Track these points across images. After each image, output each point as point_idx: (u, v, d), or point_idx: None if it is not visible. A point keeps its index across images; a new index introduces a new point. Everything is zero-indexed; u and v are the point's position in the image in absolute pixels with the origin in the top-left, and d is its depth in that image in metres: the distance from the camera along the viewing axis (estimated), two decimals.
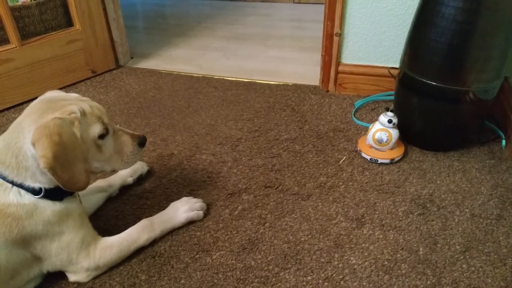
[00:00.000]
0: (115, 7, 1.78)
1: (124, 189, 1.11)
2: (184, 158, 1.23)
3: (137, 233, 0.91)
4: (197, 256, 0.92)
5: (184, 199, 1.03)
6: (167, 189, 1.11)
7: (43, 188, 0.79)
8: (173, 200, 1.06)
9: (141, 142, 0.93)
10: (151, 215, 1.01)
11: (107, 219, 1.02)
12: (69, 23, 1.66)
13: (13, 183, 0.78)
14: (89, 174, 0.83)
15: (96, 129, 0.83)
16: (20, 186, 0.78)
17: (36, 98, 0.86)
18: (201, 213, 1.01)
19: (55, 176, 0.75)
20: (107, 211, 1.04)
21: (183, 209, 0.99)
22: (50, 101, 0.82)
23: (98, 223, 1.00)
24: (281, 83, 1.68)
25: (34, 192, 0.79)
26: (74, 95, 0.88)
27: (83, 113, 0.81)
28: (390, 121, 1.15)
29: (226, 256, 0.91)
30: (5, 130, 0.82)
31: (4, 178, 0.78)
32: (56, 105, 0.80)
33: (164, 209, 1.00)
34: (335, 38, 1.48)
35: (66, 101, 0.82)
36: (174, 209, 1.00)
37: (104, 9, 1.73)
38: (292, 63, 1.89)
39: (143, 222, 0.94)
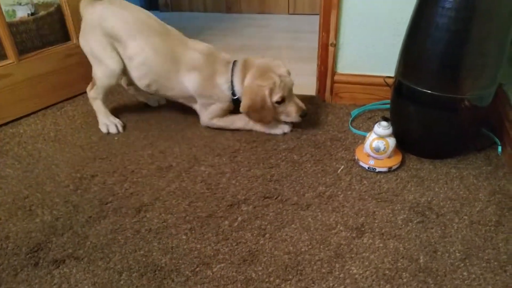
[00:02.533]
0: None
1: (122, 201, 1.11)
2: (183, 170, 1.23)
3: (237, 120, 1.43)
4: (198, 269, 0.91)
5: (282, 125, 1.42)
6: (166, 201, 1.11)
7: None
8: (172, 213, 1.06)
9: (302, 115, 1.37)
10: (150, 229, 1.01)
11: (105, 233, 1.01)
12: (67, 38, 1.67)
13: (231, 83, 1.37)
14: (272, 117, 1.35)
15: (276, 97, 1.30)
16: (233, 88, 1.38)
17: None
18: (285, 129, 1.41)
19: (247, 116, 1.37)
20: (106, 225, 1.04)
21: (281, 127, 1.41)
22: (265, 68, 1.32)
23: (97, 237, 1.00)
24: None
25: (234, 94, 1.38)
26: (281, 69, 1.34)
27: (274, 84, 1.29)
28: (382, 130, 1.16)
29: (226, 269, 0.91)
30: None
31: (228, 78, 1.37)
32: (264, 74, 1.30)
33: (166, 222, 1.00)
34: (331, 49, 1.49)
35: (272, 73, 1.30)
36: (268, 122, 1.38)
37: None
38: None
39: (243, 117, 1.41)
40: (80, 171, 1.24)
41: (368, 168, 1.20)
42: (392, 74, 1.27)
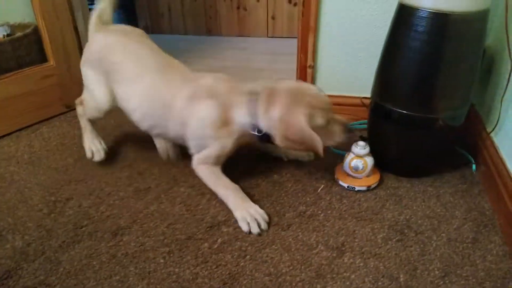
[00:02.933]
0: None
1: (98, 225, 1.08)
2: (162, 192, 1.21)
3: (222, 186, 1.16)
4: None
5: (259, 211, 1.10)
6: (144, 224, 1.08)
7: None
8: (150, 236, 1.04)
9: (348, 131, 1.16)
10: (127, 253, 0.99)
11: (79, 258, 0.98)
12: (44, 59, 1.65)
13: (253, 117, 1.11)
14: (321, 143, 1.07)
15: (318, 121, 1.08)
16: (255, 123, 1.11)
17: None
18: (245, 227, 1.07)
19: (281, 145, 1.10)
20: (80, 250, 1.00)
21: (248, 212, 1.08)
22: (295, 91, 1.09)
23: (71, 263, 0.96)
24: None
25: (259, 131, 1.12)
26: (313, 89, 1.14)
27: (310, 109, 1.06)
28: (359, 150, 1.18)
29: None
30: None
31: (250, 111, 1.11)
32: (295, 99, 1.07)
33: (143, 245, 0.98)
34: (309, 70, 1.52)
35: (305, 96, 1.08)
36: (245, 205, 1.11)
37: (80, 44, 1.73)
38: None
39: (233, 188, 1.15)
40: (55, 194, 1.20)
41: (348, 187, 1.21)
42: (369, 95, 1.30)
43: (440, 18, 1.02)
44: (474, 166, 1.29)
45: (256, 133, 1.11)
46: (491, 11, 1.09)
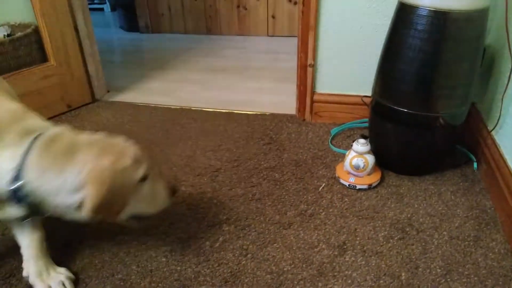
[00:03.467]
0: (91, 43, 1.79)
1: (100, 224, 1.08)
2: None
3: None
4: None
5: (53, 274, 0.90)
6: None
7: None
8: (152, 235, 1.04)
9: (174, 192, 0.92)
10: (129, 252, 0.99)
11: (82, 257, 0.98)
12: (44, 59, 1.65)
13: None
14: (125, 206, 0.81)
15: (140, 172, 0.81)
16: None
17: None
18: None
19: (90, 216, 0.74)
20: (82, 248, 1.00)
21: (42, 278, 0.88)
22: (105, 142, 0.81)
23: (73, 262, 0.96)
24: (259, 113, 1.70)
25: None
26: (121, 139, 0.85)
27: (136, 154, 0.81)
28: (360, 148, 1.18)
29: None
30: None
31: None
32: (111, 147, 0.80)
33: (145, 244, 0.98)
34: (309, 69, 1.52)
35: (120, 145, 0.82)
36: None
37: (80, 44, 1.74)
38: (269, 94, 1.92)
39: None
40: None
41: (349, 185, 1.21)
42: (369, 94, 1.30)
43: (440, 17, 1.02)
44: (475, 164, 1.29)
45: (16, 201, 0.76)
46: (491, 9, 1.09)
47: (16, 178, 0.74)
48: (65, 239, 1.03)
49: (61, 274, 0.90)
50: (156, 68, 2.30)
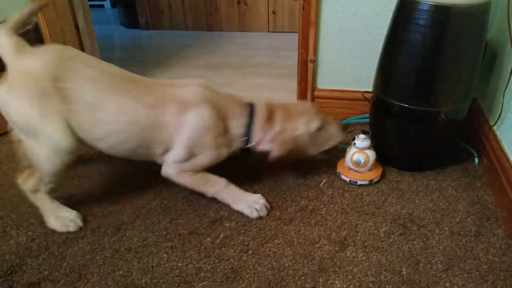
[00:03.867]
0: (91, 40, 1.79)
1: (101, 221, 1.08)
2: (164, 187, 1.21)
3: (212, 182, 1.10)
4: None
5: (258, 195, 1.12)
6: (147, 219, 1.09)
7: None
8: (153, 231, 1.04)
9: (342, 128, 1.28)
10: (130, 248, 0.99)
11: (83, 253, 0.98)
12: None
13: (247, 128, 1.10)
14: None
15: (314, 125, 1.13)
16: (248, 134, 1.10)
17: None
18: (255, 213, 1.08)
19: (275, 160, 1.11)
20: (83, 245, 1.01)
21: (249, 203, 1.09)
22: (291, 109, 1.14)
23: (74, 258, 0.97)
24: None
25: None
26: (305, 105, 1.23)
27: (306, 121, 1.13)
28: (361, 143, 1.18)
29: (209, 287, 0.89)
30: None
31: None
32: (292, 115, 1.12)
33: (146, 240, 0.98)
34: (310, 65, 1.52)
35: (299, 107, 1.18)
36: (246, 197, 1.10)
37: (80, 41, 1.74)
38: (269, 90, 1.92)
39: (221, 180, 1.10)
40: (58, 190, 1.20)
41: (350, 181, 1.21)
42: (370, 89, 1.29)
43: (441, 11, 1.02)
44: (476, 160, 1.29)
45: (244, 145, 1.10)
46: (493, 4, 1.08)
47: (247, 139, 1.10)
48: (65, 236, 1.04)
49: (258, 198, 1.12)
50: (157, 65, 2.30)
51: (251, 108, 1.10)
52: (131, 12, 3.01)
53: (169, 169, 1.08)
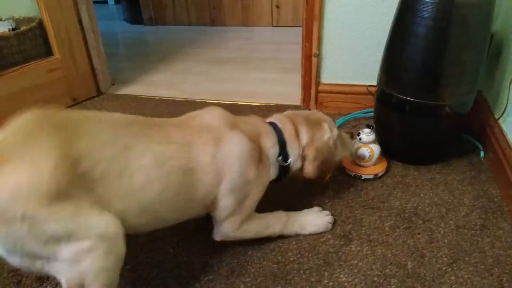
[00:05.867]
0: (95, 36, 1.79)
1: None
2: None
3: (272, 222, 0.99)
4: (185, 282, 0.90)
5: (316, 209, 1.07)
6: None
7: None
8: (159, 236, 1.05)
9: (351, 135, 1.19)
10: (137, 243, 1.00)
11: None
12: (49, 52, 1.65)
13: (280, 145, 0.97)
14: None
15: (335, 132, 1.05)
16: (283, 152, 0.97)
17: None
18: (330, 225, 1.03)
19: (317, 176, 1.01)
20: None
21: (315, 221, 1.03)
22: (309, 116, 1.05)
23: None
24: (264, 104, 1.70)
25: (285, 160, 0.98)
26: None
27: (332, 123, 1.06)
28: (365, 137, 1.18)
29: (214, 281, 0.90)
30: None
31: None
32: (314, 122, 1.02)
33: (153, 236, 0.99)
34: (314, 59, 1.51)
35: (316, 115, 1.06)
36: (309, 217, 1.03)
37: (84, 37, 1.74)
38: (273, 84, 1.92)
39: (280, 214, 1.01)
40: None
41: (354, 175, 1.21)
42: (375, 83, 1.29)
43: (446, 3, 1.01)
44: (482, 153, 1.29)
45: (284, 163, 0.96)
46: None
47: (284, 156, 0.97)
48: None
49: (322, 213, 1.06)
50: (161, 60, 2.30)
51: (274, 125, 0.99)
52: (134, 8, 3.01)
53: (223, 230, 0.91)
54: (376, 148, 1.19)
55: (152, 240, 1.01)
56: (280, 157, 0.96)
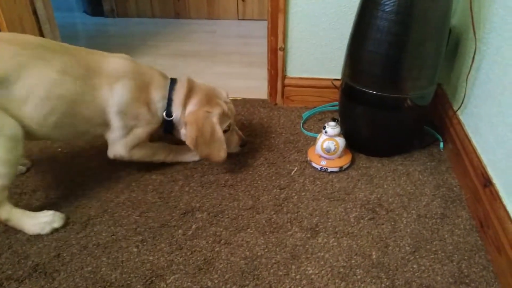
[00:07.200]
0: (52, 27, 1.71)
1: (68, 216, 1.04)
2: (133, 180, 1.18)
3: (157, 149, 1.20)
4: (150, 282, 0.87)
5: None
6: (115, 213, 1.06)
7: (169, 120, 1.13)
8: (122, 225, 1.02)
9: (242, 145, 1.25)
10: (98, 244, 0.96)
11: (48, 251, 0.95)
12: None
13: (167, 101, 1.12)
14: (225, 150, 1.13)
15: (224, 125, 1.14)
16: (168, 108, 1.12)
17: None
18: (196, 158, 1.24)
19: (196, 149, 1.10)
20: (49, 242, 0.97)
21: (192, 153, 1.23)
22: (211, 93, 1.15)
23: (39, 256, 0.93)
24: (230, 99, 1.67)
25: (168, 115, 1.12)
26: (224, 94, 1.20)
27: (223, 112, 1.13)
28: (330, 130, 1.19)
29: (181, 279, 0.88)
30: None
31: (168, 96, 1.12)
32: (211, 100, 1.13)
33: (115, 235, 0.96)
34: (280, 53, 1.51)
35: (218, 99, 1.14)
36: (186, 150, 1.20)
37: (40, 29, 1.65)
38: (240, 78, 1.90)
39: (164, 145, 1.22)
40: (20, 186, 1.15)
41: (320, 168, 1.22)
42: (339, 77, 1.30)
43: None
44: (441, 144, 1.33)
45: (166, 117, 1.11)
46: None
47: (167, 110, 1.12)
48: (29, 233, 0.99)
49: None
50: (123, 53, 2.22)
51: (172, 83, 1.13)
52: None
53: (117, 148, 1.10)
54: (341, 141, 1.20)
55: (114, 240, 0.98)
56: (165, 112, 1.11)
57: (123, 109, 1.05)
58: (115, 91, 1.03)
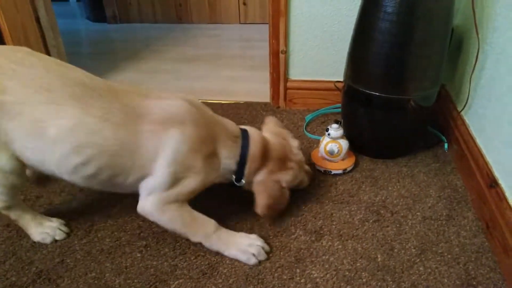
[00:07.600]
0: (55, 34, 1.72)
1: (71, 222, 1.04)
2: None
3: (197, 227, 0.93)
4: (154, 287, 0.87)
5: (253, 236, 0.96)
6: (119, 218, 1.06)
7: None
8: (125, 230, 1.01)
9: (312, 180, 1.15)
10: (102, 249, 0.96)
11: (52, 257, 0.94)
12: None
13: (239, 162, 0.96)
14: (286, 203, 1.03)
15: (297, 181, 1.05)
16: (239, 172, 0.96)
17: None
18: (253, 260, 0.92)
19: (266, 216, 0.99)
20: (53, 248, 0.97)
21: (243, 248, 0.93)
22: (284, 155, 1.01)
23: (43, 262, 0.93)
24: (233, 102, 1.68)
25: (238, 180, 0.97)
26: (295, 145, 1.08)
27: (294, 177, 1.03)
28: (333, 132, 1.18)
29: (185, 284, 0.88)
30: None
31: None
32: (284, 163, 1.00)
33: (119, 240, 0.95)
34: (281, 56, 1.51)
35: (290, 162, 1.01)
36: (239, 240, 0.94)
37: (43, 36, 1.66)
38: (242, 82, 1.90)
39: (210, 222, 0.94)
40: (24, 192, 1.16)
41: (324, 171, 1.21)
42: (342, 79, 1.29)
43: None
44: (446, 145, 1.32)
45: (234, 181, 0.97)
46: None
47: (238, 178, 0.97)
48: (33, 240, 0.99)
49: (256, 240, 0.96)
50: (126, 58, 2.24)
51: (244, 140, 0.96)
52: (97, 5, 2.91)
53: (148, 203, 0.88)
54: (344, 143, 1.19)
55: (118, 246, 0.97)
56: (234, 177, 0.97)
57: (177, 159, 0.86)
58: (169, 141, 0.85)
